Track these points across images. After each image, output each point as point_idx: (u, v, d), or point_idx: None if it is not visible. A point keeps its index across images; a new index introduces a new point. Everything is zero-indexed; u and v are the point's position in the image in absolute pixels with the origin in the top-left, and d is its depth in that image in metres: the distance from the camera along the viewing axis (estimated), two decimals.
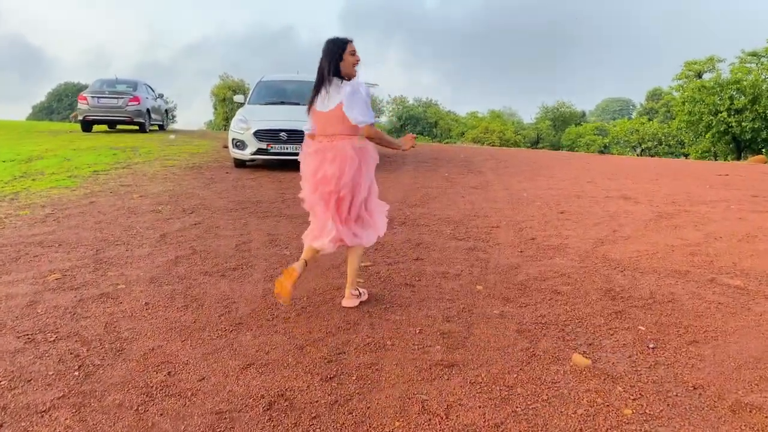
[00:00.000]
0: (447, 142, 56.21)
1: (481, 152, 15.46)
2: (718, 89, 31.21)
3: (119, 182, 8.41)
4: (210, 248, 5.10)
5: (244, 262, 4.73)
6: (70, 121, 25.86)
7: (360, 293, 3.91)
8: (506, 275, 4.45)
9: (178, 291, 4.06)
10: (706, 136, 32.02)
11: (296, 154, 9.78)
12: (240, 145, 9.70)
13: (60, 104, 74.49)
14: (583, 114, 70.12)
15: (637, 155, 45.21)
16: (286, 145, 9.53)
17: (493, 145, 47.03)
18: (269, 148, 9.52)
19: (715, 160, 33.51)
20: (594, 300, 3.95)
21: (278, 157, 9.64)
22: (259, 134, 9.52)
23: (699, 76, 37.16)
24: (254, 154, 9.63)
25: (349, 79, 3.61)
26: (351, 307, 3.80)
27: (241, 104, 11.14)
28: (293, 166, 10.11)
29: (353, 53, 3.61)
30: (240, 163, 10.13)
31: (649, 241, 5.50)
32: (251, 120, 9.72)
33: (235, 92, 40.56)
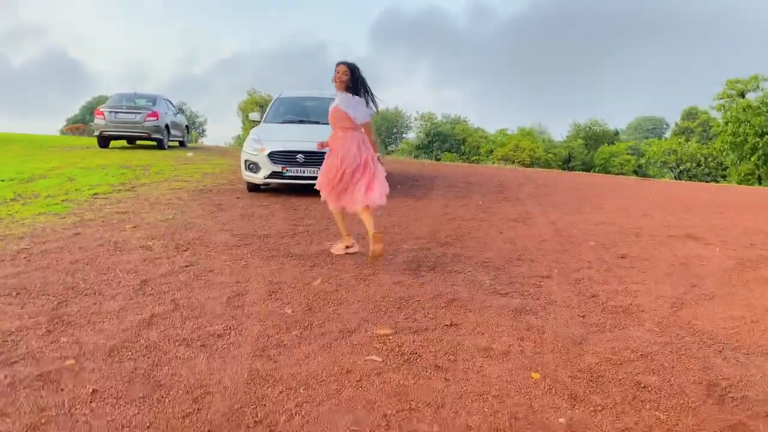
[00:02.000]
0: (475, 160, 55.13)
1: (516, 175, 14.38)
2: (764, 109, 29.60)
3: (116, 208, 7.56)
4: (196, 302, 4.15)
5: (233, 324, 3.77)
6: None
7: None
8: (569, 355, 3.39)
9: (140, 371, 3.10)
10: (752, 159, 30.37)
11: (314, 179, 8.84)
12: (253, 167, 8.82)
13: (92, 117, 75.47)
14: (616, 133, 68.40)
15: (675, 177, 43.45)
16: (303, 169, 8.61)
17: (523, 164, 45.80)
18: (284, 171, 8.61)
19: (759, 184, 31.78)
20: (695, 403, 2.88)
21: (294, 181, 8.72)
22: (274, 156, 8.62)
23: (742, 95, 35.53)
24: (268, 177, 8.72)
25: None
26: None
27: (257, 122, 10.29)
28: (310, 191, 9.20)
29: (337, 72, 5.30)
30: (253, 187, 9.24)
31: (741, 302, 4.39)
32: (266, 140, 8.84)
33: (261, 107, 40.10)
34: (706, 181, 40.79)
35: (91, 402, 2.78)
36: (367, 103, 5.36)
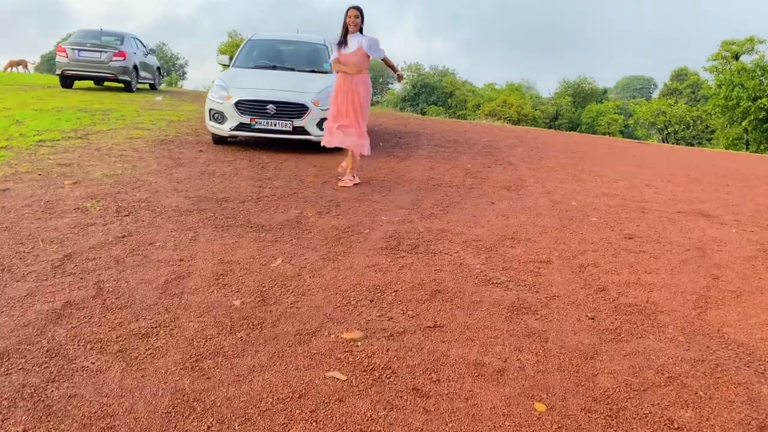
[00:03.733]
0: (462, 114, 54.01)
1: (506, 135, 13.59)
2: (759, 73, 28.87)
3: (59, 159, 6.68)
4: (124, 287, 3.40)
5: (165, 319, 3.03)
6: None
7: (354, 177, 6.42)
8: (579, 375, 2.72)
9: (27, 390, 2.37)
10: (743, 123, 29.81)
11: (287, 132, 7.99)
12: (218, 117, 7.91)
13: None
14: (605, 91, 67.46)
15: (662, 139, 42.95)
16: (274, 121, 7.73)
17: (511, 120, 44.89)
18: (253, 123, 7.72)
19: (747, 148, 31.35)
20: None
21: (264, 135, 7.85)
22: (242, 105, 7.71)
23: (736, 57, 34.69)
24: (235, 129, 7.83)
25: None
26: None
27: (226, 66, 9.32)
28: (282, 145, 8.36)
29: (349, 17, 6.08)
30: (219, 140, 8.35)
31: None
32: (233, 87, 7.90)
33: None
34: (693, 144, 40.33)
35: None
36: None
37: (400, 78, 6.69)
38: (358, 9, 6.13)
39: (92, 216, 4.67)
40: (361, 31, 6.20)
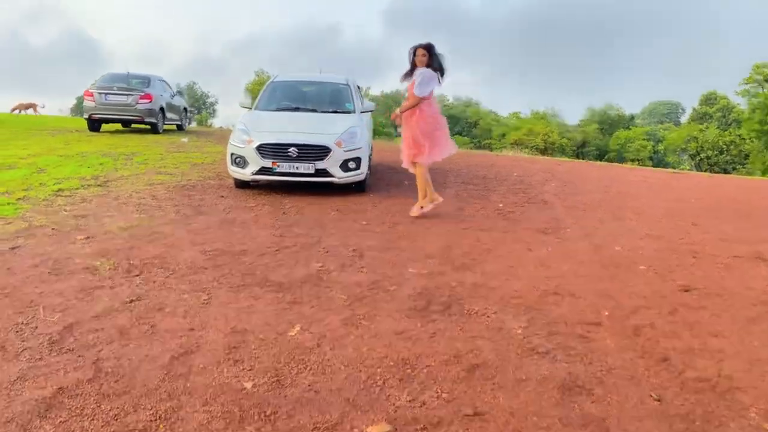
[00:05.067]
0: (487, 144, 53.67)
1: (536, 168, 13.16)
2: None
3: (76, 210, 6.46)
4: (126, 366, 3.05)
5: (166, 409, 2.66)
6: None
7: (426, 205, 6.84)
8: None
9: None
10: None
11: (309, 175, 7.73)
12: (240, 161, 7.68)
13: None
14: (632, 117, 66.61)
15: (695, 165, 41.89)
16: (296, 164, 7.46)
17: (538, 149, 44.39)
18: (275, 167, 7.46)
19: None
20: None
21: (286, 178, 7.58)
22: (263, 149, 7.47)
23: None
24: (257, 173, 7.58)
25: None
26: None
27: (249, 109, 9.13)
28: (305, 187, 8.08)
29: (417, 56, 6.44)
30: (241, 183, 8.11)
31: None
32: (254, 130, 7.68)
33: None
34: (727, 170, 39.18)
35: None
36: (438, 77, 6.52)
37: (395, 118, 6.77)
38: (425, 47, 6.39)
39: (101, 277, 4.37)
40: (431, 65, 6.40)
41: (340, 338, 3.46)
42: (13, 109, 23.68)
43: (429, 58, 6.38)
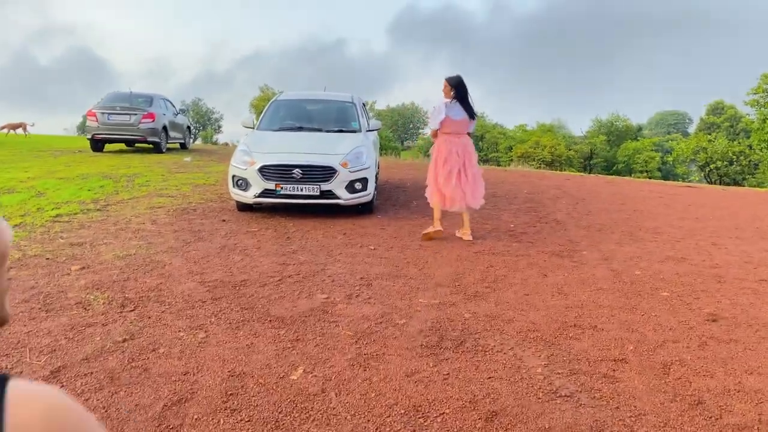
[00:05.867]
0: (494, 157, 53.41)
1: (546, 183, 12.91)
2: None
3: (72, 238, 6.26)
4: (113, 419, 2.81)
5: None
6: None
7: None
8: None
9: None
10: None
11: (314, 197, 7.51)
12: (242, 184, 7.47)
13: None
14: (639, 128, 66.28)
15: (704, 176, 41.45)
16: (300, 186, 7.25)
17: (545, 161, 44.11)
18: (278, 189, 7.25)
19: None
20: None
21: (290, 200, 7.36)
22: (266, 171, 7.26)
23: None
24: (259, 196, 7.37)
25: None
26: None
27: (252, 129, 8.94)
28: (309, 209, 7.85)
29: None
30: (244, 206, 7.89)
31: None
32: (256, 152, 7.48)
33: None
34: (737, 181, 38.72)
35: None
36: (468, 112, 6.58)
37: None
38: (446, 79, 6.53)
39: (94, 312, 4.15)
40: (459, 98, 6.49)
41: (346, 382, 3.21)
42: (1, 128, 23.53)
43: (455, 91, 6.47)
